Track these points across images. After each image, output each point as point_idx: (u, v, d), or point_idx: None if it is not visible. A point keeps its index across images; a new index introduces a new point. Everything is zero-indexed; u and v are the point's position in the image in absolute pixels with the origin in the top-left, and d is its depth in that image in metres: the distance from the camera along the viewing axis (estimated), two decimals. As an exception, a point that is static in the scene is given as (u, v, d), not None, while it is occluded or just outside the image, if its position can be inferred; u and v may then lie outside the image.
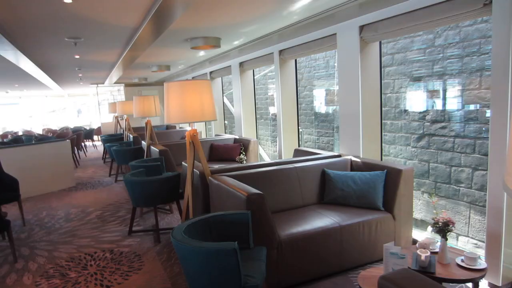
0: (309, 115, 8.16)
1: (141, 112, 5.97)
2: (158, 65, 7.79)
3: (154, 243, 4.16)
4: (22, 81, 10.15)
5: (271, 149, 9.82)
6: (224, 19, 3.96)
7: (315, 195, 3.76)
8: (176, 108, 3.26)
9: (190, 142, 3.49)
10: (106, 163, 10.13)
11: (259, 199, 2.80)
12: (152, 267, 3.56)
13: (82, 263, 3.71)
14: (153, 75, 10.14)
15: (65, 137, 9.60)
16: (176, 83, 3.27)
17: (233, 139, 6.91)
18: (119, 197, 6.30)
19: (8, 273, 3.58)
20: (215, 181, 3.38)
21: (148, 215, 5.19)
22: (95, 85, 12.85)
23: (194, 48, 5.08)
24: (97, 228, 4.75)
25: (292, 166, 3.76)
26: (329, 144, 7.55)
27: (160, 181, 4.21)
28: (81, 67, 7.78)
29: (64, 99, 19.26)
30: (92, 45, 5.19)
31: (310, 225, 3.11)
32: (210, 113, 3.38)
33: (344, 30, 3.99)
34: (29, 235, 4.65)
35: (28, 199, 6.45)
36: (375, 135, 4.07)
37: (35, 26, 3.97)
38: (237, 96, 7.10)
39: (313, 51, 4.85)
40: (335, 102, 7.35)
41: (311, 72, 8.05)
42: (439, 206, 4.08)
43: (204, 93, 3.33)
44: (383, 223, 3.23)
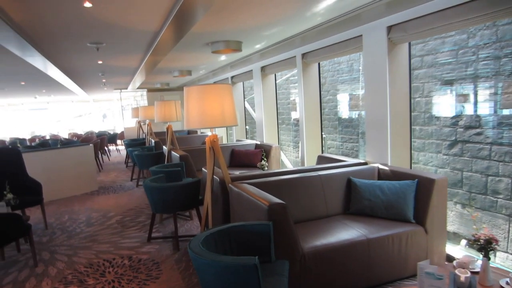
0: (333, 120, 7.95)
1: (162, 117, 5.93)
2: (179, 70, 7.77)
3: (173, 250, 4.07)
4: (49, 86, 10.37)
5: (293, 155, 9.65)
6: (246, 22, 3.86)
7: (340, 205, 3.58)
8: (195, 113, 3.16)
9: (210, 148, 3.39)
10: (129, 167, 10.20)
11: (281, 209, 2.65)
12: (170, 276, 3.46)
13: (100, 270, 3.65)
14: (175, 80, 10.16)
15: (90, 141, 9.73)
16: (196, 87, 3.18)
17: (255, 144, 6.79)
18: (140, 202, 6.27)
19: (27, 277, 3.56)
20: (236, 189, 3.25)
21: (168, 221, 5.12)
22: (119, 90, 13.01)
23: (215, 52, 5.00)
24: (117, 234, 4.70)
25: (316, 174, 3.60)
26: (353, 150, 7.32)
27: (180, 188, 4.12)
28: (105, 73, 7.85)
29: (89, 104, 19.67)
30: (114, 50, 5.19)
31: (335, 237, 2.94)
32: (231, 118, 3.26)
33: (371, 31, 3.81)
34: (50, 238, 4.65)
35: (51, 202, 6.50)
36: (404, 142, 3.86)
37: (58, 32, 3.97)
38: (259, 101, 6.98)
39: (337, 54, 4.69)
40: (360, 107, 7.13)
41: (335, 76, 7.85)
42: (474, 218, 3.82)
43: (225, 98, 3.22)
44: (414, 237, 3.01)
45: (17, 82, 9.04)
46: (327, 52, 4.72)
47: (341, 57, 7.43)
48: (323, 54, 4.83)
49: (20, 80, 8.56)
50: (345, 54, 4.96)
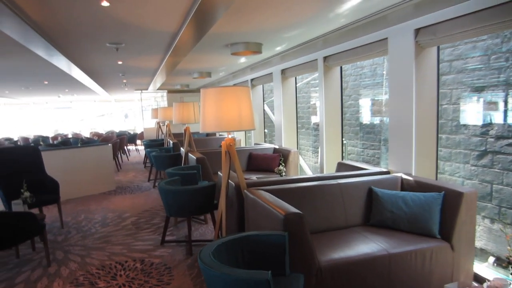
0: (354, 125, 7.74)
1: (180, 118, 5.88)
2: (199, 72, 7.73)
3: (186, 255, 3.99)
4: (72, 86, 10.53)
5: (312, 160, 9.47)
6: (266, 23, 3.75)
7: (360, 215, 3.41)
8: (212, 115, 3.07)
9: (226, 152, 3.29)
10: (147, 167, 10.23)
11: (298, 220, 2.52)
12: (181, 282, 3.37)
13: (112, 273, 3.60)
14: (195, 82, 10.14)
15: (109, 141, 9.80)
16: (213, 89, 3.08)
17: (273, 148, 6.67)
18: (156, 203, 6.23)
19: (40, 277, 3.54)
20: (251, 195, 3.13)
21: (182, 224, 5.05)
22: (139, 91, 13.12)
23: (235, 54, 4.90)
24: (130, 235, 4.66)
25: (336, 182, 3.44)
26: (375, 157, 7.09)
27: (195, 191, 4.03)
28: (125, 73, 7.88)
29: (111, 104, 19.97)
30: (133, 51, 5.17)
31: (354, 251, 2.78)
32: (248, 122, 3.15)
33: (397, 34, 3.64)
34: (65, 238, 4.64)
35: (69, 201, 6.54)
36: (429, 151, 3.66)
37: (79, 32, 3.96)
38: (278, 104, 6.85)
39: (360, 57, 4.52)
40: (383, 113, 6.90)
41: (357, 80, 7.65)
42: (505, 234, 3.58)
43: (242, 100, 3.11)
44: (439, 254, 2.82)
45: (41, 82, 9.20)
46: (350, 56, 4.55)
47: (364, 61, 7.23)
48: (345, 57, 4.67)
49: (43, 79, 8.71)
50: (369, 58, 4.78)
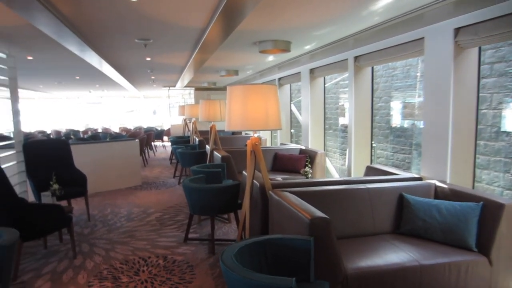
0: (384, 128, 7.52)
1: (207, 116, 5.86)
2: (226, 70, 7.71)
3: (208, 254, 3.95)
4: (102, 82, 10.76)
5: (338, 162, 9.28)
6: (296, 20, 3.65)
7: (389, 222, 3.27)
8: (238, 114, 3.01)
9: (251, 152, 3.22)
10: (173, 164, 10.32)
11: (324, 225, 2.42)
12: (203, 281, 3.33)
13: (135, 268, 3.60)
14: (222, 80, 10.14)
15: (137, 136, 9.95)
16: (240, 86, 3.02)
17: (299, 149, 6.55)
18: (180, 200, 6.24)
19: (66, 269, 3.58)
20: (276, 197, 3.05)
21: (206, 222, 5.02)
22: (167, 87, 13.26)
23: (263, 51, 4.83)
24: (154, 231, 4.67)
25: (364, 186, 3.31)
26: (405, 162, 6.86)
27: (219, 190, 3.99)
28: (153, 70, 7.96)
29: (140, 100, 20.33)
30: (161, 47, 5.18)
31: (382, 259, 2.65)
32: (275, 122, 3.07)
33: (435, 34, 3.46)
34: (91, 231, 4.70)
35: (97, 194, 6.66)
36: (466, 158, 3.46)
37: (108, 27, 3.99)
38: (306, 104, 6.73)
39: (393, 58, 4.34)
40: (415, 116, 6.66)
41: (388, 82, 7.42)
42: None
43: (269, 99, 3.04)
44: (475, 268, 2.65)
45: (72, 77, 9.44)
46: (382, 56, 4.39)
47: (397, 62, 7.00)
48: (378, 57, 4.50)
49: (75, 74, 8.92)
50: (402, 59, 4.60)
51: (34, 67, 7.18)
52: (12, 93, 4.93)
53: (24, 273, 3.49)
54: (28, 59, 6.06)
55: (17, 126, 5.00)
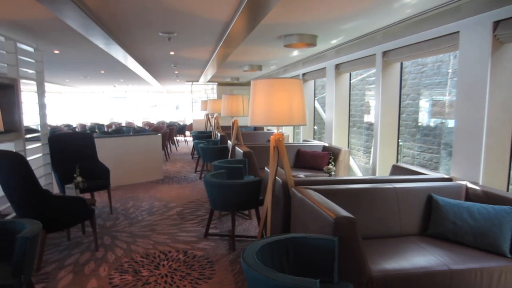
0: (410, 127, 7.29)
1: (229, 111, 5.82)
2: (250, 65, 7.64)
3: (229, 250, 3.91)
4: (126, 76, 10.88)
5: (362, 160, 9.09)
6: (323, 13, 3.54)
7: (416, 224, 3.14)
8: (261, 108, 2.93)
9: (274, 147, 3.15)
10: (194, 159, 10.37)
11: (349, 224, 2.33)
12: (223, 278, 3.29)
13: (155, 262, 3.60)
14: (245, 75, 10.09)
15: (160, 131, 10.03)
16: (264, 80, 2.94)
17: (322, 146, 6.44)
18: (201, 195, 6.24)
19: (88, 261, 3.61)
20: (299, 194, 2.97)
21: (226, 218, 4.99)
22: (190, 82, 13.32)
23: (288, 46, 4.73)
24: (175, 226, 4.67)
25: (392, 186, 3.19)
26: (432, 162, 6.63)
27: (240, 186, 3.93)
28: (177, 64, 7.97)
29: (163, 95, 20.54)
30: (185, 41, 5.15)
31: (409, 262, 2.54)
32: (300, 117, 2.98)
33: (471, 27, 3.28)
34: (114, 223, 4.74)
35: (119, 188, 6.74)
36: (501, 159, 3.28)
37: (133, 20, 3.98)
38: (330, 100, 6.60)
39: (425, 53, 4.18)
40: (445, 115, 6.42)
41: (417, 78, 7.18)
42: None
43: (294, 94, 2.95)
44: (509, 275, 2.50)
45: (98, 71, 9.58)
46: (413, 51, 4.22)
47: (427, 58, 6.76)
48: (407, 53, 4.34)
49: (100, 69, 9.05)
50: (434, 54, 4.41)
51: (60, 61, 7.30)
52: (39, 86, 5.02)
53: (47, 264, 3.54)
54: (54, 53, 6.16)
55: (43, 119, 5.09)
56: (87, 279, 3.24)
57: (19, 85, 4.33)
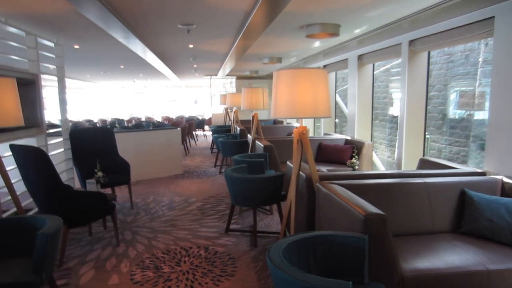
0: (436, 119, 7.03)
1: (249, 104, 5.71)
2: (269, 57, 7.51)
3: (250, 246, 3.83)
4: (145, 71, 10.92)
5: (384, 154, 8.87)
6: (347, 1, 3.37)
7: (449, 220, 2.97)
8: (285, 100, 2.82)
9: (298, 141, 3.03)
10: (213, 153, 10.33)
11: (380, 222, 2.20)
12: (246, 275, 3.21)
13: (176, 258, 3.55)
14: (264, 68, 9.96)
15: (179, 125, 10.03)
16: (287, 71, 2.82)
17: (344, 140, 6.27)
18: (221, 190, 6.18)
19: (109, 256, 3.59)
20: (324, 190, 2.85)
21: (247, 213, 4.91)
22: (209, 76, 13.27)
23: (310, 36, 4.59)
24: (196, 221, 4.62)
25: (422, 180, 3.03)
26: (459, 155, 6.38)
27: (262, 181, 3.83)
28: (196, 57, 7.91)
29: (182, 89, 20.60)
30: (204, 33, 5.07)
31: (443, 261, 2.39)
32: (324, 109, 2.86)
33: (508, 12, 3.07)
34: (134, 218, 4.73)
35: (139, 182, 6.75)
36: (541, 151, 3.07)
37: (152, 12, 3.92)
38: (353, 92, 6.41)
39: (455, 41, 3.97)
40: (475, 106, 6.15)
41: (443, 69, 6.91)
42: None
43: (319, 85, 2.82)
44: (556, 276, 2.33)
45: (117, 66, 9.63)
46: (442, 39, 4.02)
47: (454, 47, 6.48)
48: (436, 41, 4.13)
49: (120, 63, 9.08)
50: (466, 41, 4.20)
51: (80, 56, 7.34)
52: (60, 81, 5.03)
53: (69, 259, 3.54)
54: (75, 48, 6.18)
55: (64, 114, 5.10)
56: (108, 275, 3.21)
57: (40, 80, 4.34)
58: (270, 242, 3.93)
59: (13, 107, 2.81)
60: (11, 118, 2.80)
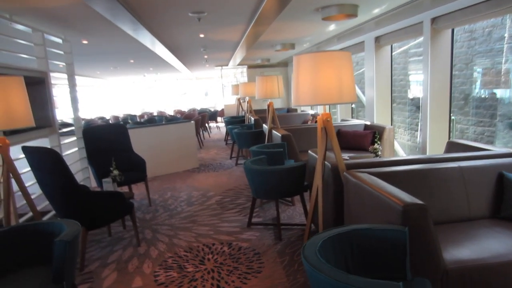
0: (458, 99, 6.76)
1: (264, 93, 5.53)
2: (282, 44, 7.29)
3: (275, 240, 3.69)
4: (155, 64, 10.79)
5: (403, 137, 8.63)
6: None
7: (487, 206, 2.79)
8: (307, 86, 2.65)
9: (322, 128, 2.87)
10: (228, 145, 10.21)
11: (420, 212, 2.03)
12: (273, 271, 3.08)
13: (199, 256, 3.43)
14: (276, 55, 9.73)
15: (192, 118, 9.91)
16: (309, 55, 2.65)
17: (363, 125, 6.06)
18: (239, 182, 6.05)
19: (131, 257, 3.49)
20: (353, 179, 2.68)
21: (268, 205, 4.77)
22: (220, 67, 13.09)
23: (326, 19, 4.38)
24: (216, 216, 4.50)
25: (456, 164, 2.84)
26: (484, 135, 6.13)
27: (285, 172, 3.68)
28: (206, 48, 7.74)
29: (192, 82, 20.48)
30: (215, 21, 4.89)
31: (486, 250, 2.21)
32: (350, 94, 2.69)
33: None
34: (153, 216, 4.63)
35: (156, 178, 6.66)
36: None
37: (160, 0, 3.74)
38: (370, 76, 6.18)
39: (482, 16, 3.72)
40: (500, 84, 5.87)
41: (464, 47, 6.61)
42: None
43: (343, 68, 2.64)
44: None
45: (127, 61, 9.52)
46: (468, 15, 3.77)
47: (475, 24, 6.18)
48: (461, 17, 3.89)
49: (129, 58, 8.96)
50: (494, 16, 3.94)
51: (89, 52, 7.24)
52: (70, 79, 4.92)
53: (90, 262, 3.45)
54: (83, 44, 6.06)
55: (76, 113, 5.00)
56: (131, 277, 3.11)
57: (49, 78, 4.23)
58: (295, 235, 3.79)
59: (22, 107, 2.69)
60: (21, 119, 2.68)
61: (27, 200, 2.93)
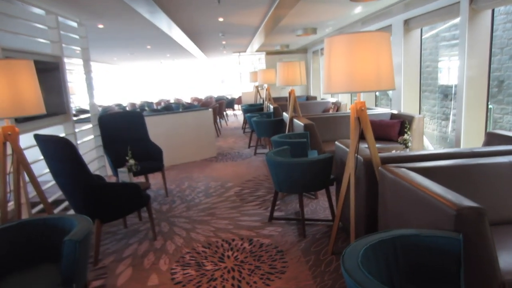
0: (490, 86, 6.35)
1: (285, 80, 5.25)
2: (303, 28, 6.96)
3: (299, 236, 3.47)
4: (172, 50, 10.57)
5: (429, 127, 8.25)
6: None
7: (543, 207, 2.48)
8: (341, 72, 2.39)
9: (355, 119, 2.60)
10: (246, 133, 9.98)
11: (477, 217, 1.75)
12: (298, 272, 2.86)
13: (219, 252, 3.23)
14: (296, 41, 9.39)
15: (209, 106, 9.69)
16: (344, 36, 2.37)
17: (390, 114, 5.74)
18: (259, 172, 5.83)
19: (147, 252, 3.32)
20: (391, 175, 2.41)
21: (289, 198, 4.54)
22: (237, 53, 12.79)
23: None
24: (235, 208, 4.30)
25: (508, 159, 2.53)
26: (519, 125, 5.73)
27: (311, 165, 3.42)
28: (225, 33, 7.47)
29: (208, 68, 20.24)
30: (235, 3, 4.61)
31: (552, 261, 1.93)
32: (389, 80, 2.42)
33: None
34: (170, 207, 4.46)
35: (172, 167, 6.49)
36: None
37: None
38: (397, 62, 5.82)
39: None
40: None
41: (498, 30, 6.17)
42: None
43: (381, 51, 2.37)
44: None
45: (144, 46, 9.32)
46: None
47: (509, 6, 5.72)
48: (508, -7, 3.51)
49: (146, 44, 8.75)
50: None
51: (106, 37, 7.05)
52: (85, 64, 4.73)
53: (105, 255, 3.29)
54: (99, 28, 5.86)
55: (91, 99, 4.83)
56: (147, 274, 2.93)
57: (63, 64, 4.04)
58: (320, 231, 3.56)
59: (32, 93, 2.49)
60: (30, 106, 2.48)
61: (38, 192, 2.76)
